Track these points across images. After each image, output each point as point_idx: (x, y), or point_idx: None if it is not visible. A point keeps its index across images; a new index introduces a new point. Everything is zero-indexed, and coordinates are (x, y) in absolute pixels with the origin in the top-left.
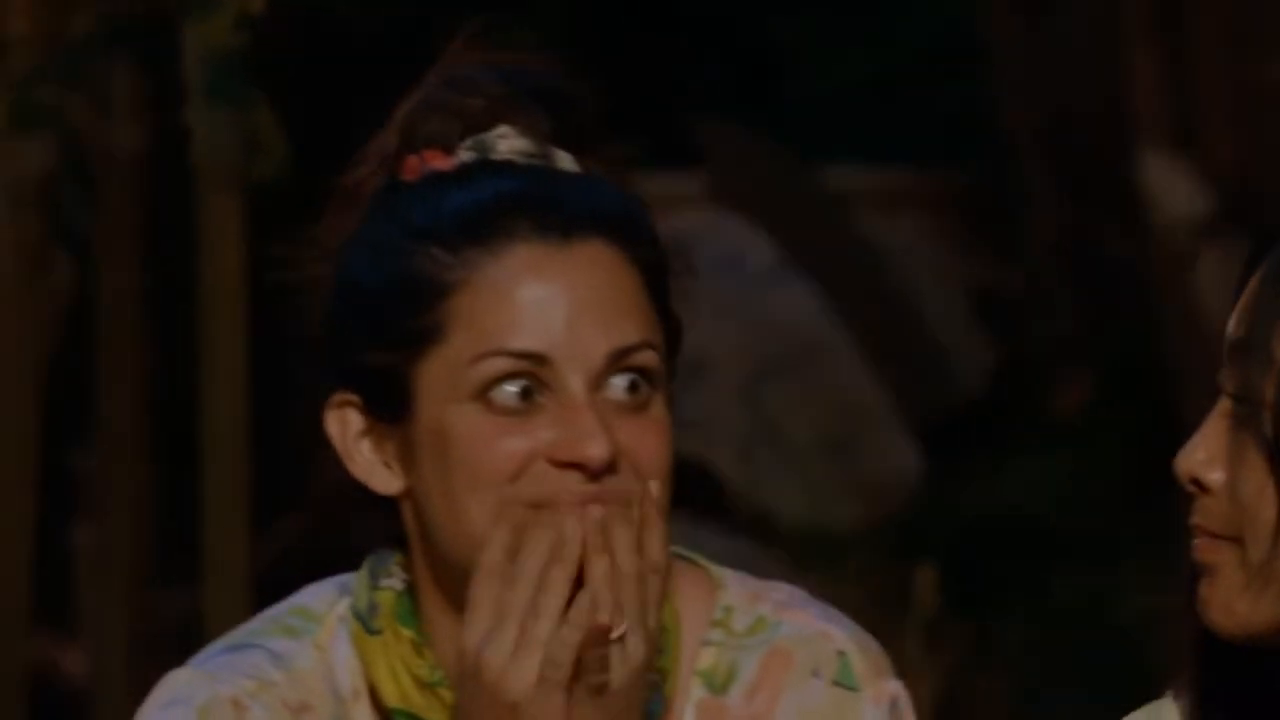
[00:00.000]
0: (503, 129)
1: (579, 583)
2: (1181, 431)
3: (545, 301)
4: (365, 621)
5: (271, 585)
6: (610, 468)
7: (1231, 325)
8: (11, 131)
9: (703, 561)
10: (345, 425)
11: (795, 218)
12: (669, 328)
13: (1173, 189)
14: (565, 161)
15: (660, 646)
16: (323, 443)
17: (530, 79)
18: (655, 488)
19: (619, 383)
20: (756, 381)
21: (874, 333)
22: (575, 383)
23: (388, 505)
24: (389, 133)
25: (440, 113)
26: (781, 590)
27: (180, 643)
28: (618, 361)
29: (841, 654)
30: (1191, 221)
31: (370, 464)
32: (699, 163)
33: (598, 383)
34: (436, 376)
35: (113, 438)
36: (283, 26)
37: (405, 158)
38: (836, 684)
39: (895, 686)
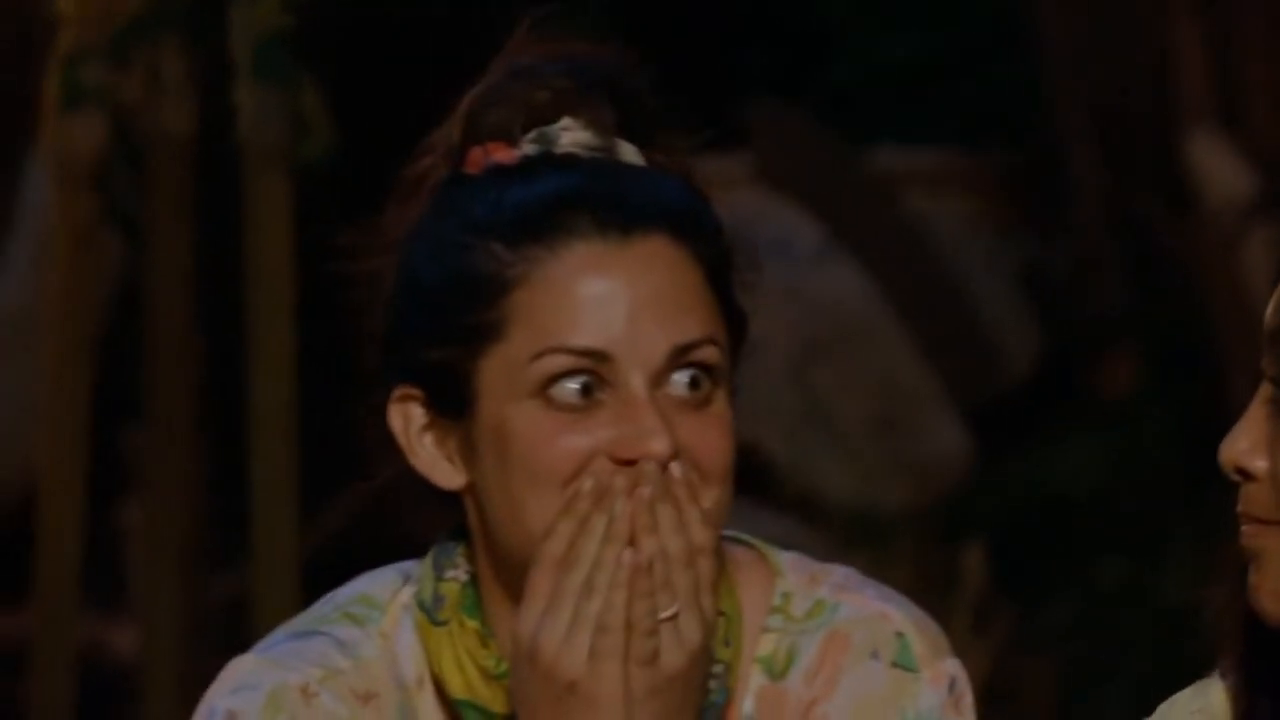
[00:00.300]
0: (566, 121)
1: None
2: (1229, 414)
3: (605, 298)
4: (430, 612)
5: (321, 567)
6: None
7: (1270, 312)
8: (62, 111)
9: (761, 546)
10: (408, 420)
11: (842, 199)
12: (732, 321)
13: (1219, 171)
14: (629, 153)
15: (726, 638)
16: (381, 433)
17: (595, 69)
18: (714, 483)
19: (680, 379)
20: (804, 363)
21: (921, 314)
22: (636, 380)
23: (448, 496)
24: (452, 123)
25: (504, 105)
26: (838, 572)
27: (229, 623)
28: (679, 358)
29: (900, 635)
30: (1238, 204)
31: (433, 459)
32: (746, 145)
33: (659, 379)
34: (497, 373)
35: (162, 417)
36: (330, 8)
37: (469, 149)
38: (895, 665)
39: (953, 666)
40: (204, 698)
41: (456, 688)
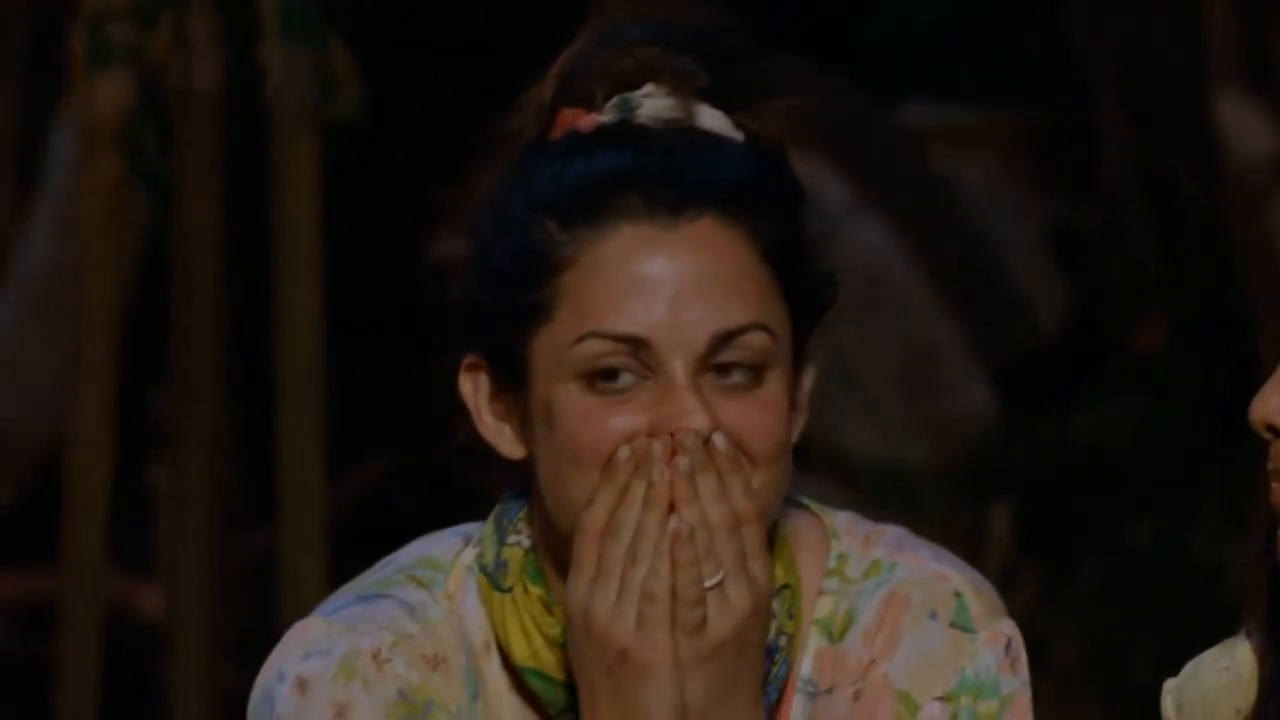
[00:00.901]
0: (649, 88)
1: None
2: (1259, 372)
3: (650, 283)
4: (494, 578)
5: (348, 527)
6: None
7: None
8: (89, 70)
9: (816, 508)
10: (477, 387)
11: (871, 157)
12: (800, 298)
13: (1248, 128)
14: (711, 120)
15: (790, 610)
16: (428, 396)
17: (684, 35)
18: (761, 465)
19: (725, 363)
20: (831, 321)
21: (950, 272)
22: (677, 366)
23: (507, 463)
24: (545, 84)
25: (589, 70)
26: (891, 532)
27: (256, 583)
28: (722, 344)
29: (958, 595)
30: (1266, 162)
31: (498, 427)
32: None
33: (701, 365)
34: (545, 353)
35: (189, 377)
36: None
37: (559, 111)
38: (953, 625)
39: (1009, 626)
40: (270, 661)
41: (521, 654)
